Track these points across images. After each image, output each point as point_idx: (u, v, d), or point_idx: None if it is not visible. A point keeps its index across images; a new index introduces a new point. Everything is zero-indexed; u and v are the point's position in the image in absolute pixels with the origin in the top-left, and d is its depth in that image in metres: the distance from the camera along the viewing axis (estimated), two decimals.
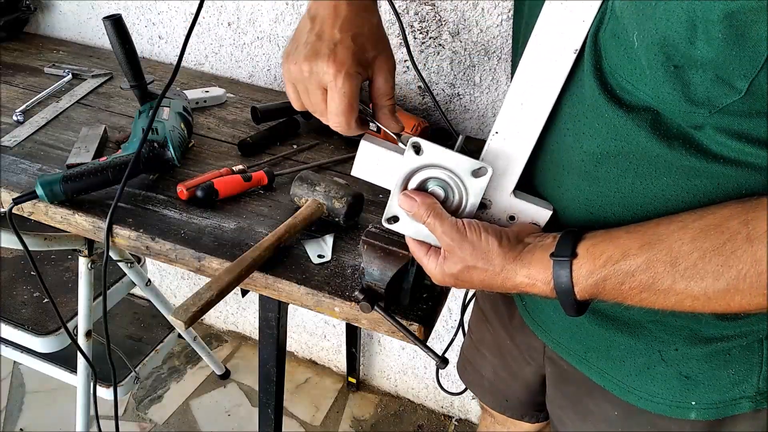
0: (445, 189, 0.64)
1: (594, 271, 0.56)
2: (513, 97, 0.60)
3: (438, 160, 0.62)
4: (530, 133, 0.61)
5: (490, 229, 0.62)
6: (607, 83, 0.55)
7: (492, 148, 0.62)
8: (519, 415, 1.07)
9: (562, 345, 0.78)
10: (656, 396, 0.71)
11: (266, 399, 1.09)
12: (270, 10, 1.40)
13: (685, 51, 0.47)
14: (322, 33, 0.60)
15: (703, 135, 0.52)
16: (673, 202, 0.56)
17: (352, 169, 0.67)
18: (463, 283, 0.64)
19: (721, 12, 0.44)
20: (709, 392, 0.68)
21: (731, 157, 0.52)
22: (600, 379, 0.75)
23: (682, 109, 0.51)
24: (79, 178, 0.94)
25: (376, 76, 0.63)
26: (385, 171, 0.66)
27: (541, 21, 0.56)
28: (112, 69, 1.45)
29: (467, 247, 0.61)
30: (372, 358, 1.90)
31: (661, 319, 0.66)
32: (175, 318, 0.72)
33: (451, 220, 0.62)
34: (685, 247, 0.52)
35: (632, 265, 0.55)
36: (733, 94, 0.48)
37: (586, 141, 0.58)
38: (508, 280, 0.61)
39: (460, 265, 0.62)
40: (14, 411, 1.77)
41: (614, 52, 0.53)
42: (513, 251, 0.61)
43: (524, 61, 0.58)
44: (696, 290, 0.53)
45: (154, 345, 1.62)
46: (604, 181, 0.59)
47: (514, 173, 0.63)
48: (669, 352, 0.68)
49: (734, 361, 0.66)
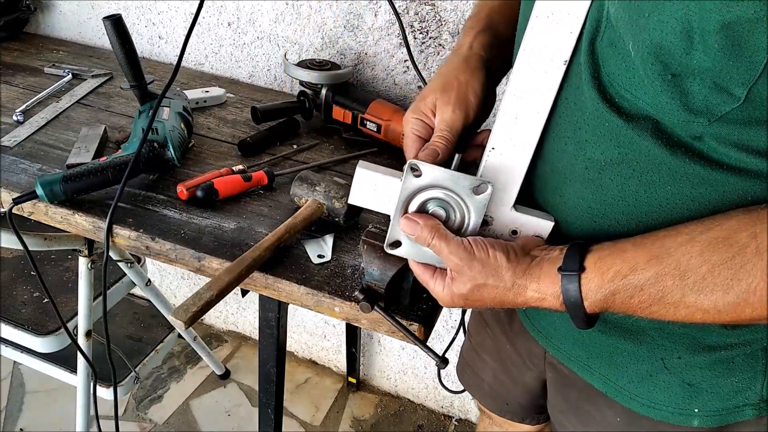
0: (446, 209, 0.63)
1: (603, 285, 0.56)
2: (507, 110, 0.60)
3: (437, 180, 0.62)
4: (527, 145, 0.61)
5: (496, 245, 0.62)
6: (607, 92, 0.54)
7: (490, 164, 0.62)
8: (519, 418, 1.07)
9: (564, 351, 0.78)
10: (659, 403, 0.70)
11: (266, 399, 1.09)
12: (270, 10, 1.40)
13: (682, 60, 0.47)
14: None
15: (704, 145, 0.52)
16: (677, 210, 0.56)
17: (349, 197, 0.66)
18: (474, 302, 0.64)
19: (717, 22, 0.44)
20: (712, 400, 0.68)
21: (734, 165, 0.52)
22: (602, 386, 0.75)
23: (681, 118, 0.51)
24: (79, 178, 0.94)
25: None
26: (383, 196, 0.65)
27: (528, 34, 0.56)
28: (112, 69, 1.45)
29: (476, 266, 0.61)
30: (372, 358, 1.90)
31: (663, 327, 0.66)
32: (175, 318, 0.72)
33: (457, 240, 0.62)
34: (693, 261, 0.52)
35: (641, 279, 0.55)
36: (731, 102, 0.48)
37: (588, 149, 0.58)
38: (519, 295, 0.61)
39: (470, 284, 0.62)
40: (14, 411, 1.77)
41: (612, 61, 0.53)
42: (521, 264, 0.61)
43: (515, 75, 0.58)
44: (706, 303, 0.53)
45: (154, 345, 1.62)
46: (607, 189, 0.59)
47: (514, 187, 0.63)
48: (672, 359, 0.68)
49: (737, 369, 0.66)
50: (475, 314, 1.08)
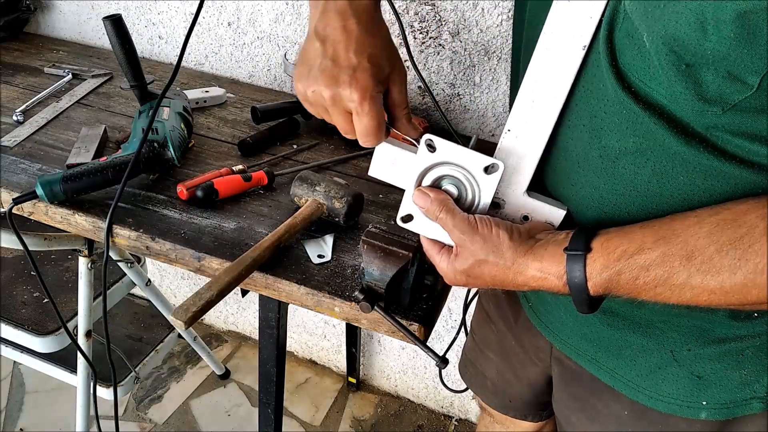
0: (459, 187, 0.65)
1: (608, 265, 0.56)
2: (524, 94, 0.60)
3: (451, 156, 0.63)
4: (542, 130, 0.61)
5: (501, 223, 0.62)
6: (626, 80, 0.55)
7: (504, 146, 0.63)
8: (522, 415, 1.07)
9: (572, 346, 0.78)
10: (667, 396, 0.71)
11: (266, 399, 1.09)
12: (270, 10, 1.40)
13: (696, 50, 0.48)
14: (337, 57, 0.59)
15: (717, 136, 0.52)
16: (688, 201, 0.56)
17: (369, 169, 0.68)
18: (475, 280, 0.64)
19: (733, 12, 0.44)
20: (721, 392, 0.68)
21: (746, 158, 0.52)
22: (610, 380, 0.75)
23: (695, 107, 0.51)
24: (79, 178, 0.94)
25: (392, 89, 0.63)
26: (400, 171, 0.67)
27: (550, 19, 0.56)
28: (112, 69, 1.45)
29: (478, 240, 0.61)
30: (372, 358, 1.90)
31: (672, 319, 0.66)
32: (175, 318, 0.72)
33: (463, 215, 0.63)
34: (701, 241, 0.52)
35: (647, 260, 0.55)
36: (745, 90, 0.48)
37: (605, 136, 0.58)
38: (520, 274, 0.61)
39: (471, 259, 0.63)
40: (14, 411, 1.77)
41: (628, 52, 0.53)
42: (524, 245, 0.61)
43: (534, 59, 0.58)
44: (712, 284, 0.52)
45: (154, 345, 1.62)
46: (620, 179, 0.59)
47: (527, 171, 0.64)
48: (681, 352, 0.68)
49: (747, 361, 0.66)
50: (478, 310, 1.09)
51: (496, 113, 1.33)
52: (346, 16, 0.59)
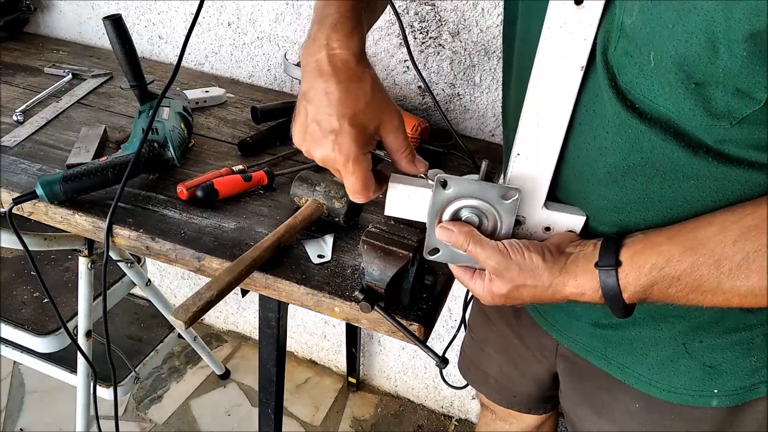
0: (479, 215, 0.65)
1: (640, 278, 0.58)
2: (528, 117, 0.61)
3: (466, 191, 0.63)
4: (551, 150, 0.62)
5: (531, 246, 0.63)
6: (627, 98, 0.55)
7: (516, 170, 0.64)
8: (526, 408, 1.08)
9: (580, 343, 0.79)
10: (679, 387, 0.72)
11: (266, 399, 1.09)
12: (270, 10, 1.40)
13: (707, 69, 0.48)
14: (320, 121, 0.59)
15: (725, 147, 0.53)
16: (702, 203, 0.57)
17: (385, 209, 0.68)
18: (514, 300, 0.65)
19: (745, 32, 0.45)
20: (732, 380, 0.70)
21: (755, 162, 0.53)
22: (620, 375, 0.76)
23: (702, 122, 0.52)
24: (79, 178, 0.94)
25: (385, 138, 0.62)
26: (416, 206, 0.67)
27: (543, 43, 0.56)
28: (112, 69, 1.45)
29: (514, 268, 0.62)
30: (372, 358, 1.90)
31: (687, 313, 0.68)
32: (175, 318, 0.72)
33: (492, 244, 0.63)
34: (727, 250, 0.54)
35: (677, 270, 0.56)
36: (753, 105, 0.49)
37: (609, 155, 0.59)
38: (558, 292, 0.62)
39: (510, 285, 0.63)
40: (14, 411, 1.77)
41: (629, 70, 0.53)
42: (558, 264, 0.62)
43: (533, 82, 0.59)
44: (743, 289, 0.54)
45: (154, 345, 1.62)
46: (631, 190, 0.60)
47: (542, 189, 0.64)
48: (694, 344, 0.69)
49: (756, 348, 0.68)
50: (476, 310, 1.09)
51: (496, 113, 1.33)
52: (326, 77, 0.58)
